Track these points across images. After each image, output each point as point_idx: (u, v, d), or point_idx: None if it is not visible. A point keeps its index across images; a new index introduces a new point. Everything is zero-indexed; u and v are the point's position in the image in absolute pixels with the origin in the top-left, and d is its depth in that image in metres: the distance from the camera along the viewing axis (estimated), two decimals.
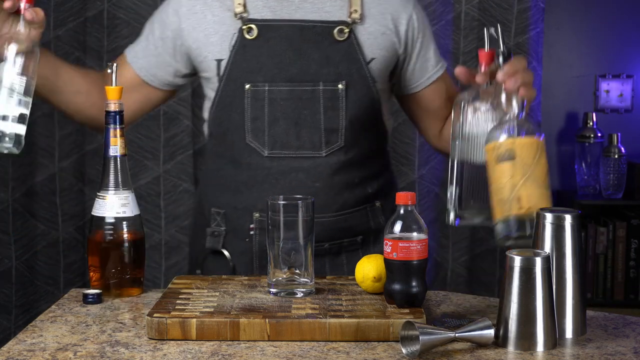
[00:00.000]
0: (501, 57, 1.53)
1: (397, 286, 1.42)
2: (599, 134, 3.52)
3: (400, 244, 1.41)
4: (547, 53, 3.55)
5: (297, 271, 1.49)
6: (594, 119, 3.54)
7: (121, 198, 1.59)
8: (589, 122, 3.54)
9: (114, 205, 1.58)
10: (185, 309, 1.39)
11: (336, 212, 1.80)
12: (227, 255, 1.83)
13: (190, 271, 1.92)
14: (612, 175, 3.49)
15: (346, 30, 1.77)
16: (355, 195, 1.82)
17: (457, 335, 1.30)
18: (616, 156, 3.49)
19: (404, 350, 1.28)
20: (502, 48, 1.54)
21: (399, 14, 1.82)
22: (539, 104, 3.30)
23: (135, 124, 3.17)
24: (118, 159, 1.59)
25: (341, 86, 1.77)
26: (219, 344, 1.33)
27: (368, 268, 1.49)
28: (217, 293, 1.50)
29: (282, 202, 1.48)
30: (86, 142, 3.23)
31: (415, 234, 1.41)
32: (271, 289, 1.49)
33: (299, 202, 1.49)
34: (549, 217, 1.38)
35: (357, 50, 1.78)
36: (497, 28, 1.55)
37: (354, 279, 1.53)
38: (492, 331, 1.31)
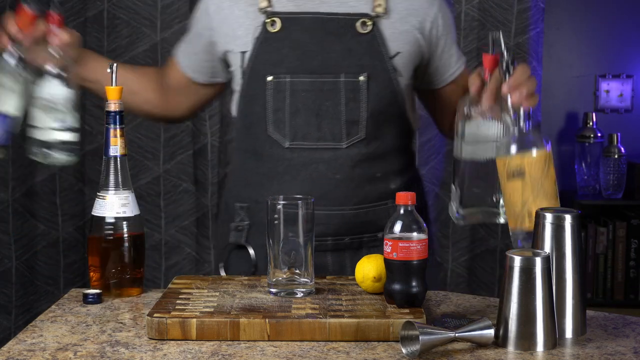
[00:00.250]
0: (504, 66, 1.54)
1: (397, 286, 1.42)
2: (599, 134, 3.52)
3: (400, 244, 1.41)
4: (547, 53, 3.55)
5: (297, 271, 1.49)
6: (594, 119, 3.54)
7: (121, 198, 1.59)
8: (589, 122, 3.54)
9: (114, 205, 1.58)
10: (185, 309, 1.39)
11: (356, 205, 1.80)
12: (252, 252, 1.83)
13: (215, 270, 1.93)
14: (612, 175, 3.49)
15: (369, 23, 1.78)
16: (377, 189, 1.81)
17: (457, 335, 1.30)
18: (616, 156, 3.49)
19: (404, 350, 1.28)
20: (506, 57, 1.54)
21: (425, 12, 1.82)
22: (539, 104, 3.30)
23: (135, 124, 3.19)
24: (118, 159, 1.59)
25: (362, 78, 1.77)
26: (219, 344, 1.33)
27: (368, 268, 1.49)
28: (217, 293, 1.50)
29: (282, 202, 1.48)
30: (86, 142, 3.23)
31: (415, 234, 1.41)
32: (271, 289, 1.50)
33: (299, 202, 1.49)
34: (549, 217, 1.38)
35: (380, 43, 1.78)
36: (500, 35, 1.55)
37: (354, 279, 1.53)
38: (492, 331, 1.31)
